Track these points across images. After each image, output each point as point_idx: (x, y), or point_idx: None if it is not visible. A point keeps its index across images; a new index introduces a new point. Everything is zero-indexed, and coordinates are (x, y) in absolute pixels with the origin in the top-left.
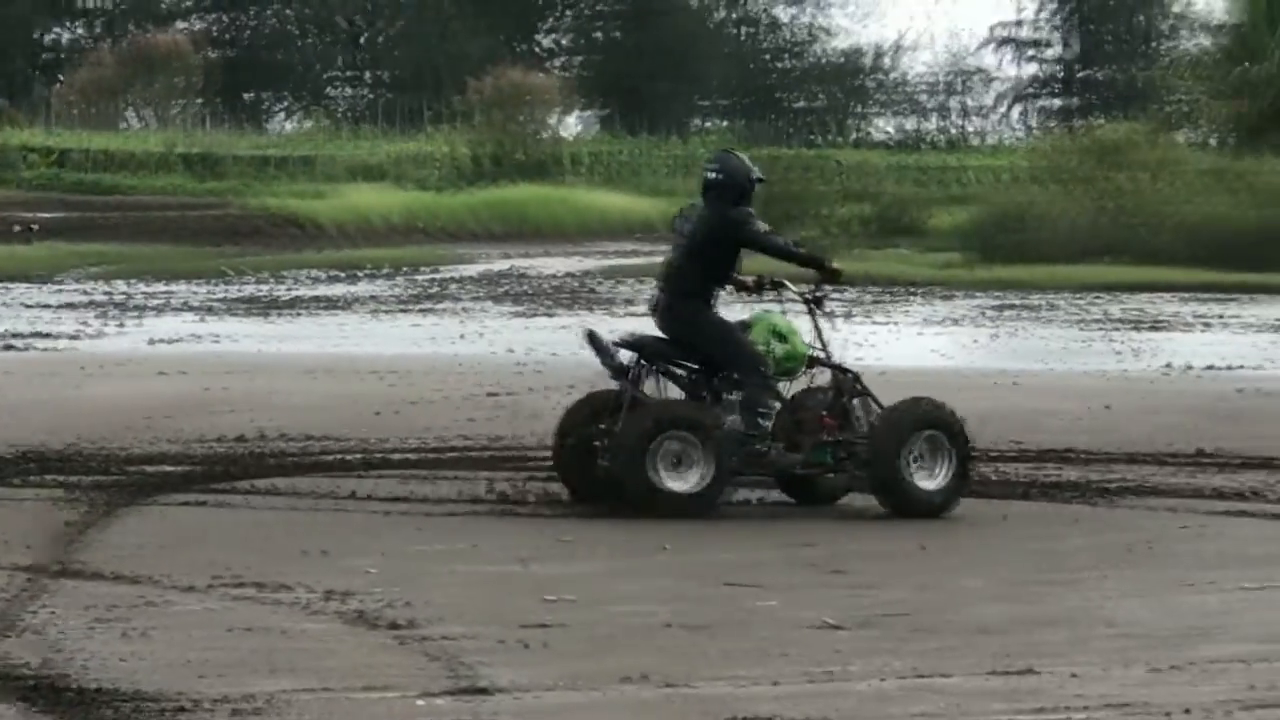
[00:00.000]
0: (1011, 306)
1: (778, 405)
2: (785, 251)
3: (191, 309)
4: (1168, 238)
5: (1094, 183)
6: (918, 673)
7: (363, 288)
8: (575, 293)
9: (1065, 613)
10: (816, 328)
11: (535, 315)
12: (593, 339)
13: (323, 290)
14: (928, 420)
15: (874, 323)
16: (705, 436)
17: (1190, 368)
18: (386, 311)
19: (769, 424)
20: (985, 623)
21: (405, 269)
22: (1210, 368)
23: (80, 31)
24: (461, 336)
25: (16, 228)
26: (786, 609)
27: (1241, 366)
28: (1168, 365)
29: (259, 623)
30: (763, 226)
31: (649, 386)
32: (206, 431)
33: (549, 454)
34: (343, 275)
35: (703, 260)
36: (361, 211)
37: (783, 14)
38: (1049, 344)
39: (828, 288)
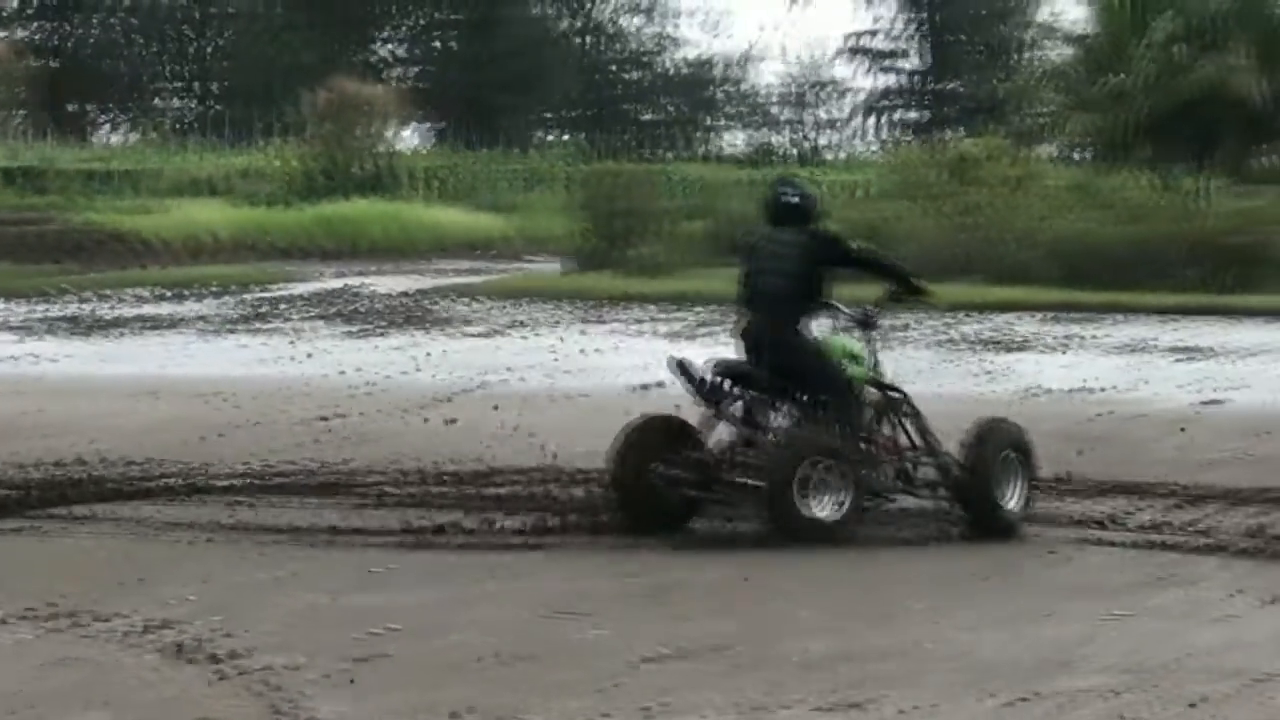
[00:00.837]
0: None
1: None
2: (890, 266)
3: (9, 328)
4: (1029, 255)
5: (951, 198)
6: (745, 706)
7: (190, 307)
8: (411, 312)
9: (902, 644)
10: (870, 348)
11: (369, 336)
12: (682, 367)
13: (149, 309)
14: (1010, 440)
15: (703, 346)
16: (846, 464)
17: (1051, 390)
18: (214, 332)
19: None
20: (816, 655)
21: (234, 288)
22: (1073, 390)
23: None
24: (292, 358)
25: None
26: (616, 639)
27: (1103, 389)
28: (1031, 388)
29: (73, 655)
30: (858, 243)
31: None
32: (22, 456)
33: (379, 479)
34: (169, 294)
35: (805, 282)
36: (190, 228)
37: (629, 24)
38: (903, 365)
39: (876, 309)
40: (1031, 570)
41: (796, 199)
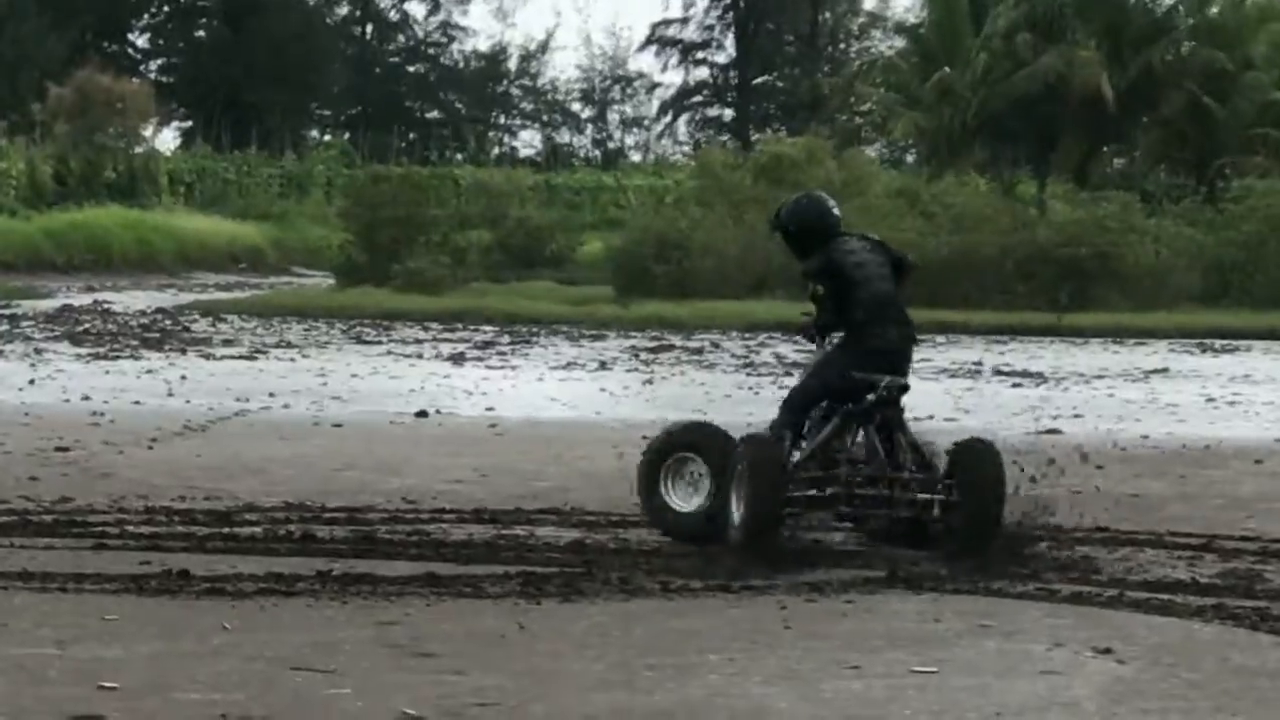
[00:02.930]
0: (669, 348)
1: None
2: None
3: None
4: None
5: (766, 205)
6: None
7: None
8: (167, 331)
9: (690, 701)
10: None
11: (119, 358)
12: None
13: None
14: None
15: (488, 368)
16: None
17: None
18: None
19: None
20: (590, 713)
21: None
22: None
23: None
24: (31, 382)
25: None
26: (361, 697)
27: (931, 417)
28: None
29: None
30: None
31: None
32: None
33: (108, 518)
34: None
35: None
36: None
37: (416, 9)
38: (710, 391)
39: None
40: (816, 620)
41: (838, 209)
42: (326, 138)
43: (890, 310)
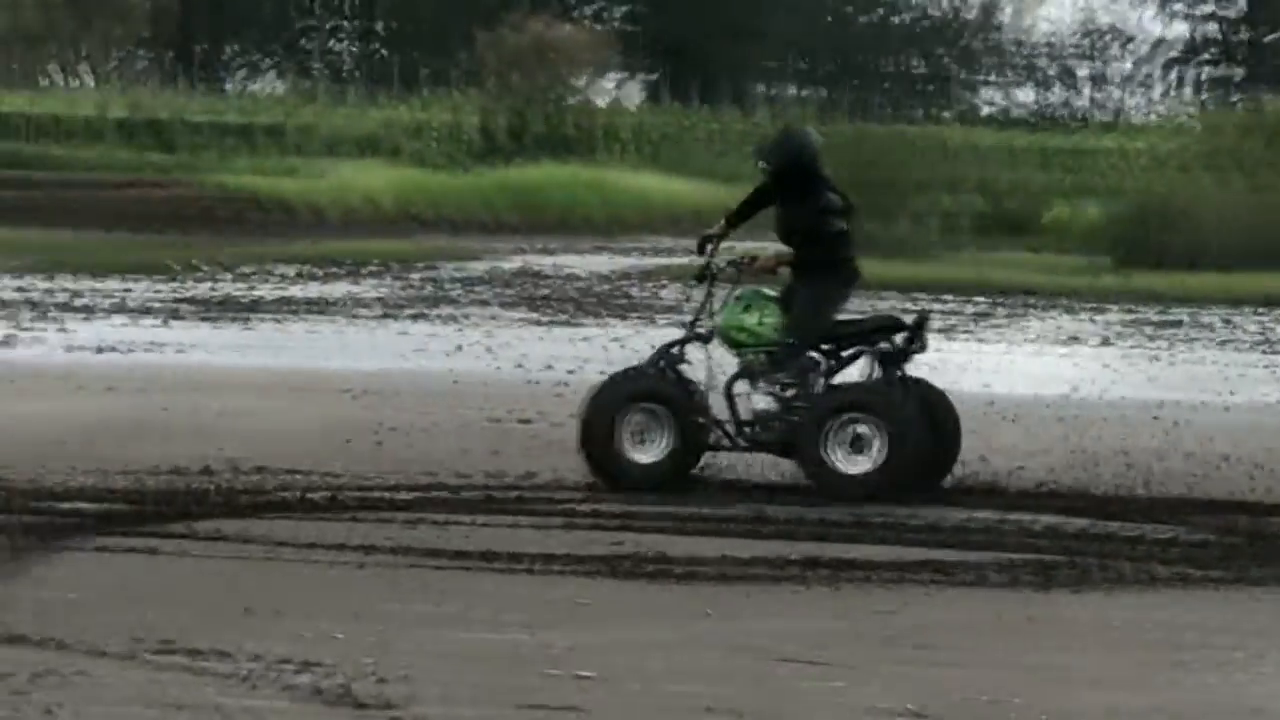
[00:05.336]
0: (1176, 323)
1: None
2: None
3: (125, 311)
4: None
5: (1262, 172)
6: None
7: (341, 288)
8: (604, 298)
9: (1211, 702)
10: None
11: (553, 325)
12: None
13: (294, 291)
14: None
15: (981, 341)
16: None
17: None
18: (372, 318)
19: None
20: (1115, 711)
21: (394, 265)
22: None
23: None
24: (459, 348)
25: None
26: (854, 692)
27: None
28: None
29: (190, 698)
30: None
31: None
32: (137, 462)
33: (570, 495)
34: (317, 272)
35: None
36: (345, 194)
37: None
38: (1225, 370)
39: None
40: None
41: None
42: (804, 94)
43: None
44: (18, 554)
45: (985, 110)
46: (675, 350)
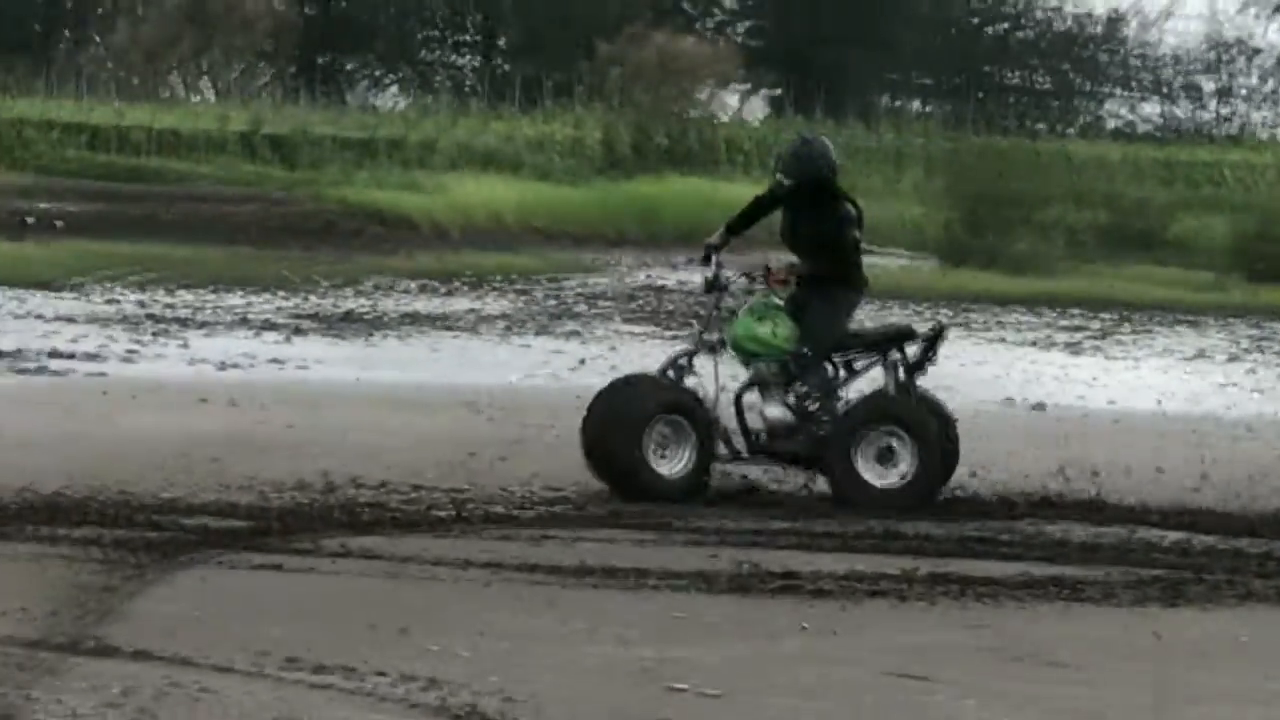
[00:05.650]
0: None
1: None
2: None
3: (248, 325)
4: None
5: None
6: None
7: (463, 302)
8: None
9: None
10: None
11: (677, 339)
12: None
13: (413, 304)
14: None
15: (1107, 357)
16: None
17: None
18: (496, 333)
19: None
20: None
21: (517, 279)
22: None
23: None
24: (583, 362)
25: (30, 220)
26: (983, 710)
27: None
28: None
29: (315, 715)
30: None
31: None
32: (260, 476)
33: (689, 510)
34: (441, 287)
35: None
36: (467, 208)
37: None
38: None
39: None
40: None
41: None
42: (927, 109)
43: None
44: (141, 569)
45: (1110, 124)
46: (684, 361)
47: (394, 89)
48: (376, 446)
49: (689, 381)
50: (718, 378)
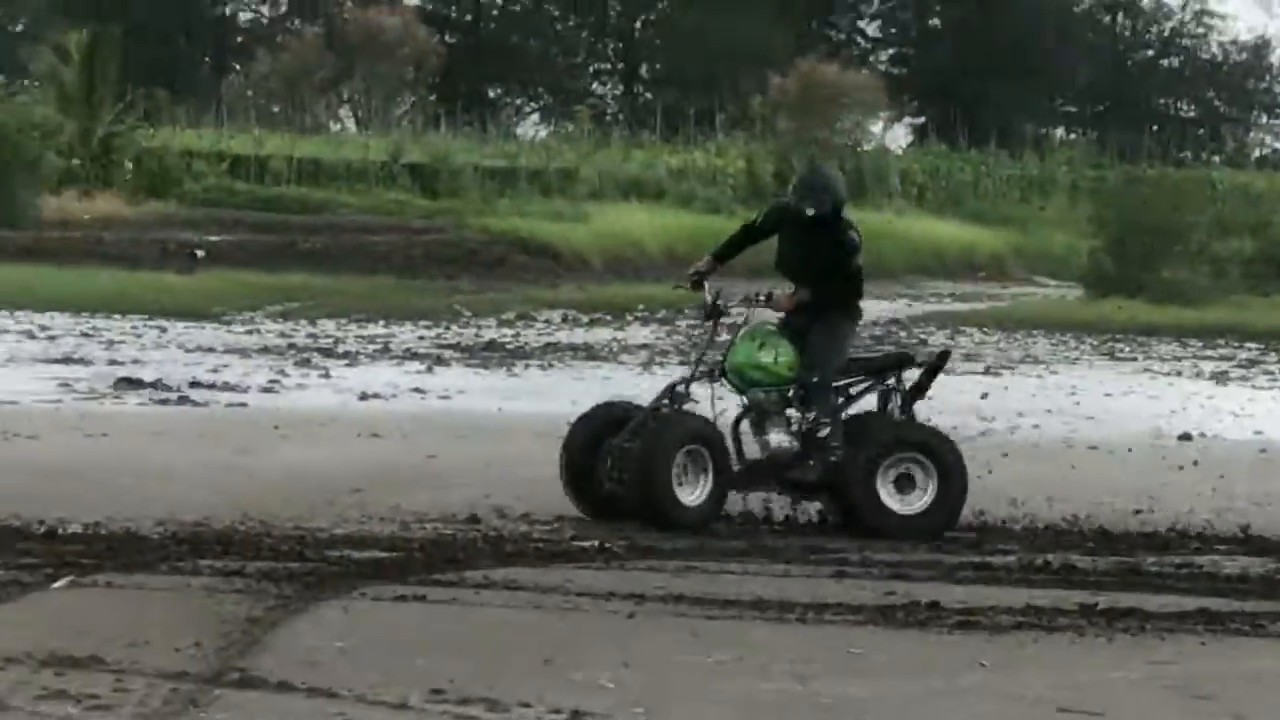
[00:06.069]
0: None
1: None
2: None
3: (409, 356)
4: None
5: None
6: None
7: (606, 333)
8: (901, 344)
9: None
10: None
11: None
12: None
13: (560, 336)
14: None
15: (1255, 388)
16: None
17: None
18: (635, 363)
19: None
20: None
21: (665, 311)
22: None
23: (263, 9)
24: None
25: (200, 253)
26: None
27: None
28: None
29: None
30: None
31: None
32: (426, 508)
33: (834, 542)
34: (586, 318)
35: None
36: (612, 239)
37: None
38: None
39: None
40: None
41: None
42: (1071, 136)
43: None
44: (284, 601)
45: (1255, 152)
46: (682, 389)
47: (535, 117)
48: (519, 478)
49: (688, 409)
50: (714, 404)
